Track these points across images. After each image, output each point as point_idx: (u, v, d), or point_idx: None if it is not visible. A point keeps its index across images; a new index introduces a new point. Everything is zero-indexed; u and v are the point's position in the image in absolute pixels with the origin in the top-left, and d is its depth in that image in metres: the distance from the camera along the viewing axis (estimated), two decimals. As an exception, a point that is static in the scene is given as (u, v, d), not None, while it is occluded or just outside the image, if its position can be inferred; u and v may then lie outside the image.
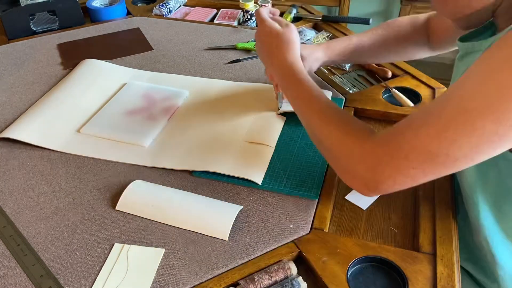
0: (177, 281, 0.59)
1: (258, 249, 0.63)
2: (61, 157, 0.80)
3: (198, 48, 1.15)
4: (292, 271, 0.60)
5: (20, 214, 0.69)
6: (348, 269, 0.59)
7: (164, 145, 0.82)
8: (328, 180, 0.74)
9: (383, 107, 0.90)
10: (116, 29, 1.24)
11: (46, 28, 1.25)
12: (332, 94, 0.94)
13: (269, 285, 0.58)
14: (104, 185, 0.74)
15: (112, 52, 1.12)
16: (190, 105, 0.93)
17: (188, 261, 0.62)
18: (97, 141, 0.83)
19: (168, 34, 1.21)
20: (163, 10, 1.33)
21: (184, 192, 0.71)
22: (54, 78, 1.03)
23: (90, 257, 0.63)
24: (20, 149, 0.82)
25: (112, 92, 0.96)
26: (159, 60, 1.10)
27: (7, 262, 0.62)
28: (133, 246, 0.64)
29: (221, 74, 1.03)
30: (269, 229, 0.66)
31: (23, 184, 0.75)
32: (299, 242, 0.64)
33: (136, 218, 0.68)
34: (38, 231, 0.66)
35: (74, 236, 0.66)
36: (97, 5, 1.32)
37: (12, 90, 0.98)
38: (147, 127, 0.86)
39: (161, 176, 0.76)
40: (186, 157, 0.79)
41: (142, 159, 0.79)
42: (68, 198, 0.72)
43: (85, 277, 0.60)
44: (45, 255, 0.63)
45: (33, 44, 1.17)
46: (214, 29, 1.24)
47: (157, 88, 0.97)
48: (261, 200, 0.70)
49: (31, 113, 0.89)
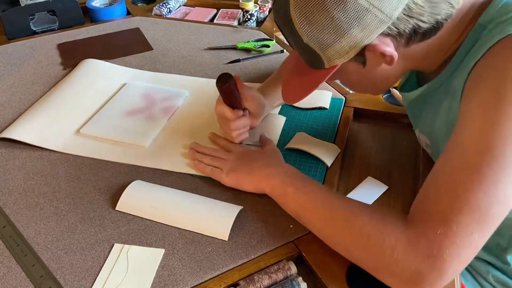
0: (177, 281, 0.59)
1: (258, 249, 0.63)
2: (61, 157, 0.80)
3: (198, 48, 1.15)
4: (292, 271, 0.60)
5: (20, 214, 0.69)
6: (348, 269, 0.59)
7: (164, 145, 0.82)
8: (328, 180, 0.74)
9: (383, 107, 0.90)
10: (116, 29, 1.24)
11: (46, 28, 1.25)
12: (332, 94, 0.94)
13: (269, 285, 0.58)
14: (104, 185, 0.74)
15: (112, 52, 1.12)
16: (190, 105, 0.93)
17: (188, 261, 0.62)
18: (97, 142, 0.83)
19: (168, 34, 1.21)
20: (163, 10, 1.33)
21: (184, 192, 0.71)
22: (54, 78, 1.03)
23: (90, 257, 0.62)
24: (20, 149, 0.82)
25: (112, 92, 0.96)
26: (159, 60, 1.09)
27: (7, 262, 0.62)
28: (133, 247, 0.64)
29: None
30: (269, 229, 0.66)
31: (23, 184, 0.75)
32: (299, 242, 0.64)
33: (136, 218, 0.68)
34: (38, 231, 0.66)
35: (74, 236, 0.66)
36: (97, 5, 1.32)
37: (12, 90, 0.98)
38: (147, 127, 0.86)
39: (161, 176, 0.76)
40: (186, 158, 0.79)
41: (142, 160, 0.79)
42: (68, 198, 0.72)
43: (85, 278, 0.60)
44: (45, 255, 0.63)
45: (33, 44, 1.17)
46: (214, 29, 1.24)
47: (157, 88, 0.97)
48: (261, 200, 0.70)
49: (31, 113, 0.89)
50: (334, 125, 0.86)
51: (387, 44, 0.54)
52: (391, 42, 0.54)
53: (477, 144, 0.49)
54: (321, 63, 0.58)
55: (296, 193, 0.63)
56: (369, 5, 0.50)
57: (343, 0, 0.50)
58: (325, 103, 0.91)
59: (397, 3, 0.50)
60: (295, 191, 0.63)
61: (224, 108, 0.75)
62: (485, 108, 0.50)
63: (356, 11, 0.51)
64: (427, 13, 0.52)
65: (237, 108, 0.75)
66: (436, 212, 0.49)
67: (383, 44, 0.53)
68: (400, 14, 0.51)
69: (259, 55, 1.10)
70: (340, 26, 0.52)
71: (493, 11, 0.55)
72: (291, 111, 0.90)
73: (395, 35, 0.53)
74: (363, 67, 0.59)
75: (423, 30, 0.54)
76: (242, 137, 0.78)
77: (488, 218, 0.48)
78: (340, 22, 0.52)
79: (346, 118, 0.88)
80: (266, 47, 1.12)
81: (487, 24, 0.55)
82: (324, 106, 0.90)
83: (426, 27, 0.53)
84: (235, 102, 0.75)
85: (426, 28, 0.54)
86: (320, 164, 0.77)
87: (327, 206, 0.59)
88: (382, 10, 0.51)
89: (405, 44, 0.56)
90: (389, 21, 0.51)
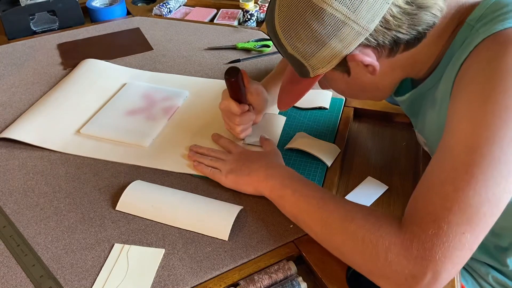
0: (177, 281, 0.59)
1: (258, 249, 0.63)
2: (61, 157, 0.80)
3: (198, 48, 1.15)
4: (292, 271, 0.60)
5: (20, 214, 0.69)
6: (348, 269, 0.59)
7: (164, 145, 0.82)
8: (328, 180, 0.74)
9: (383, 107, 0.90)
10: (116, 29, 1.24)
11: (46, 28, 1.25)
12: (332, 94, 0.94)
13: (269, 285, 0.58)
14: (104, 185, 0.74)
15: (112, 52, 1.12)
16: (190, 105, 0.93)
17: (188, 261, 0.62)
18: (97, 141, 0.83)
19: (168, 34, 1.21)
20: (163, 10, 1.33)
21: (184, 192, 0.71)
22: (54, 78, 1.03)
23: (90, 257, 0.63)
24: (20, 149, 0.82)
25: (112, 92, 0.96)
26: (159, 60, 1.09)
27: (7, 262, 0.62)
28: (133, 247, 0.64)
29: (221, 74, 1.03)
30: (269, 229, 0.66)
31: (23, 184, 0.75)
32: (299, 242, 0.64)
33: (136, 218, 0.68)
34: (38, 231, 0.66)
35: (74, 236, 0.66)
36: (97, 5, 1.32)
37: (12, 90, 0.98)
38: (147, 127, 0.86)
39: (161, 176, 0.76)
40: (186, 159, 0.79)
41: (142, 160, 0.79)
42: (68, 198, 0.72)
43: (85, 277, 0.60)
44: (45, 255, 0.63)
45: (33, 44, 1.17)
46: (214, 29, 1.24)
47: (157, 88, 0.97)
48: (261, 200, 0.70)
49: (31, 113, 0.89)
50: (334, 125, 0.86)
51: (368, 55, 0.55)
52: (372, 53, 0.56)
53: (465, 143, 0.49)
54: (307, 72, 0.60)
55: (293, 195, 0.63)
56: (345, 18, 0.52)
57: (321, 14, 0.53)
58: (325, 103, 0.91)
59: (373, 16, 0.52)
60: (293, 193, 0.63)
61: (231, 103, 0.76)
62: (471, 107, 0.51)
63: (333, 24, 0.53)
64: (406, 25, 0.53)
65: (243, 103, 0.77)
66: (428, 213, 0.49)
67: (363, 55, 0.55)
68: (377, 27, 0.53)
69: (259, 55, 1.10)
70: (320, 38, 0.55)
71: (481, 11, 0.55)
72: (291, 111, 0.90)
73: (375, 46, 0.55)
74: (348, 76, 0.60)
75: (405, 41, 0.55)
76: (246, 133, 0.79)
77: (479, 217, 0.47)
78: (319, 34, 0.54)
79: (346, 118, 0.88)
80: (266, 47, 1.12)
81: (474, 23, 0.55)
82: (324, 106, 0.90)
83: (407, 38, 0.55)
84: (241, 97, 0.76)
85: (407, 39, 0.55)
86: (320, 164, 0.77)
87: (323, 209, 0.59)
88: (358, 23, 0.52)
89: (387, 54, 0.57)
90: (366, 33, 0.53)
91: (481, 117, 0.49)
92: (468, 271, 0.77)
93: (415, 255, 0.48)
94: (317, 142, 0.81)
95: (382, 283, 0.52)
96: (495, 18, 0.53)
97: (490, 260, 0.73)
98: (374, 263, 0.51)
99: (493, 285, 0.73)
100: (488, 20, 0.54)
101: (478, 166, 0.47)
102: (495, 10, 0.54)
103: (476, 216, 0.47)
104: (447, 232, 0.47)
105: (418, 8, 0.53)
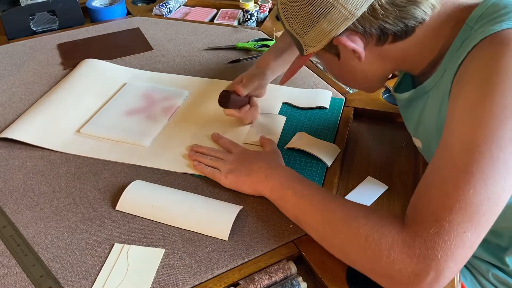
0: (177, 281, 0.59)
1: (258, 249, 0.63)
2: (61, 157, 0.80)
3: (198, 48, 1.15)
4: (292, 271, 0.60)
5: (20, 214, 0.69)
6: (348, 269, 0.59)
7: (164, 145, 0.82)
8: (328, 179, 0.74)
9: (383, 107, 0.90)
10: (116, 29, 1.24)
11: (46, 28, 1.25)
12: (332, 94, 0.94)
13: (269, 285, 0.58)
14: (104, 185, 0.74)
15: (112, 52, 1.12)
16: (190, 105, 0.93)
17: (188, 261, 0.62)
18: (97, 141, 0.83)
19: (168, 34, 1.21)
20: (163, 10, 1.33)
21: (184, 192, 0.71)
22: (54, 78, 1.03)
23: (90, 257, 0.63)
24: (20, 149, 0.82)
25: (112, 92, 0.96)
26: (159, 60, 1.09)
27: (7, 262, 0.62)
28: (133, 246, 0.64)
29: (221, 74, 1.03)
30: (269, 229, 0.66)
31: (23, 184, 0.75)
32: (299, 242, 0.64)
33: (136, 218, 0.68)
34: (38, 231, 0.66)
35: (74, 236, 0.66)
36: (97, 5, 1.32)
37: (12, 90, 0.98)
38: (147, 127, 0.86)
39: (161, 176, 0.76)
40: (186, 158, 0.79)
41: (142, 159, 0.79)
42: (68, 198, 0.72)
43: (85, 277, 0.60)
44: (45, 255, 0.63)
45: (33, 44, 1.17)
46: (214, 29, 1.24)
47: (157, 88, 0.97)
48: (261, 200, 0.70)
49: (31, 113, 0.89)
50: (334, 125, 0.86)
51: (354, 41, 0.59)
52: (360, 40, 0.59)
53: (464, 142, 0.50)
54: (301, 50, 0.64)
55: (294, 195, 0.63)
56: (334, 1, 0.56)
57: None
58: (325, 103, 0.91)
59: (361, 2, 0.55)
60: (294, 193, 0.63)
61: (232, 112, 0.84)
62: (470, 106, 0.51)
63: (323, 6, 0.57)
64: (393, 16, 0.56)
65: (243, 105, 0.84)
66: (429, 212, 0.49)
67: (349, 40, 0.59)
68: (364, 14, 0.56)
69: (259, 55, 1.10)
70: (311, 17, 0.59)
71: (480, 12, 0.56)
72: (291, 111, 0.90)
73: (362, 32, 0.58)
74: (338, 60, 0.64)
75: (392, 32, 0.58)
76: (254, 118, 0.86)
77: (479, 215, 0.48)
78: (310, 14, 0.59)
79: (346, 118, 0.88)
80: (266, 47, 1.12)
81: (473, 24, 0.56)
82: (324, 106, 0.90)
83: (394, 29, 0.57)
84: (241, 104, 0.84)
85: (394, 31, 0.58)
86: (320, 164, 0.77)
87: (325, 209, 0.59)
88: (345, 7, 0.56)
89: (375, 43, 0.60)
90: (353, 18, 0.56)
91: (479, 117, 0.49)
92: (468, 269, 0.77)
93: (418, 254, 0.48)
94: (317, 142, 0.81)
95: (384, 281, 0.52)
96: (493, 19, 0.53)
97: (491, 258, 0.73)
98: (377, 261, 0.51)
99: (493, 282, 0.73)
100: (486, 21, 0.54)
101: (477, 165, 0.48)
102: (494, 12, 0.54)
103: (476, 215, 0.47)
104: (448, 231, 0.47)
105: (407, 1, 0.55)
